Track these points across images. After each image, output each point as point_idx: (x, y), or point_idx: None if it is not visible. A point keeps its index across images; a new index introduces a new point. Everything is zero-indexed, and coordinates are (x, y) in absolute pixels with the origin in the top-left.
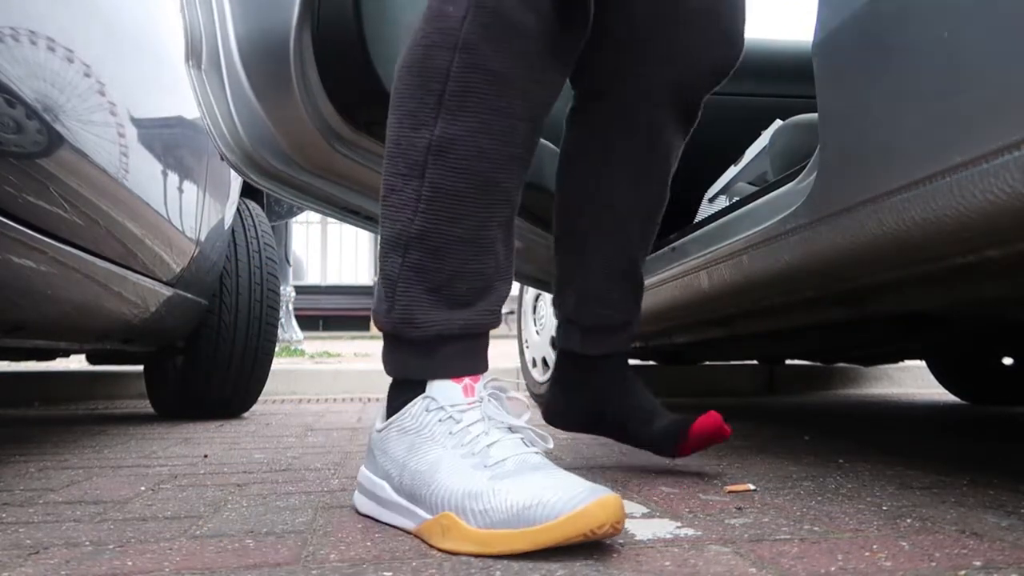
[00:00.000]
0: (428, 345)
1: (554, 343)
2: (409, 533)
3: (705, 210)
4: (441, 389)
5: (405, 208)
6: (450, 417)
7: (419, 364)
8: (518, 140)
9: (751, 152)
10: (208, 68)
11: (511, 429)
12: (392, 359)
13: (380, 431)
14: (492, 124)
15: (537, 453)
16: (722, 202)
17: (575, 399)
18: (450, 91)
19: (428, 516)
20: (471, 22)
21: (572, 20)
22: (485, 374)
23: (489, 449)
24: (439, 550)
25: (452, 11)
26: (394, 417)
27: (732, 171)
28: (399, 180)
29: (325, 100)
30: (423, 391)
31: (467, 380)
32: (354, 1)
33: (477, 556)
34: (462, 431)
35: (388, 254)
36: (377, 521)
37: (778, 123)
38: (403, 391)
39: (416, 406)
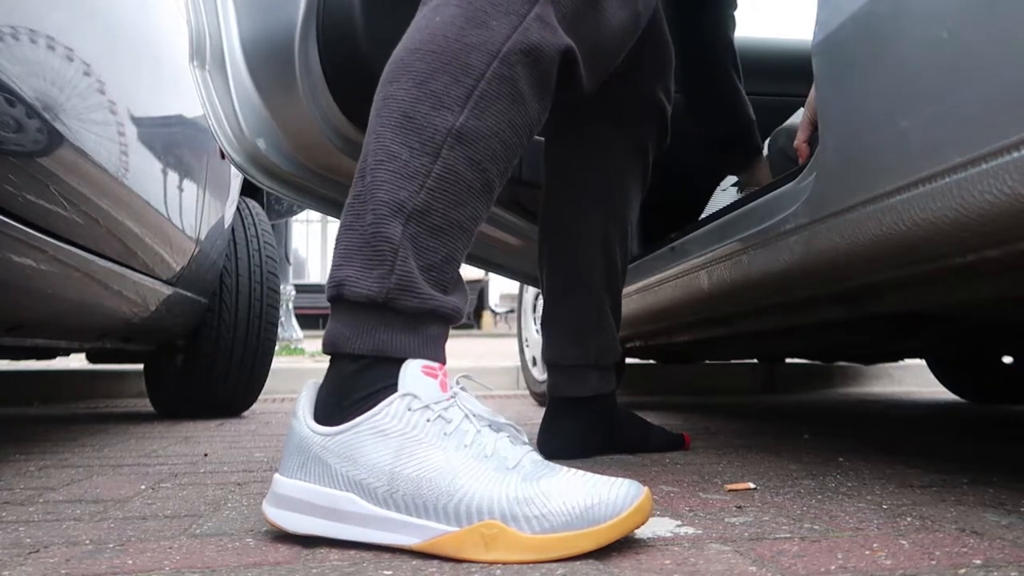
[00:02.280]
0: (418, 320)
1: None
2: (406, 551)
3: (717, 199)
4: (419, 385)
5: (411, 179)
6: (439, 416)
7: (403, 341)
8: (514, 159)
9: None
10: (212, 68)
11: (491, 425)
12: (362, 334)
13: (334, 434)
14: (506, 135)
15: (532, 449)
16: (733, 192)
17: (566, 438)
18: (481, 90)
19: (450, 528)
20: (514, 43)
21: (579, 82)
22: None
23: (498, 449)
24: (480, 563)
25: (495, 25)
26: (363, 417)
27: None
28: (405, 151)
29: (329, 100)
30: (394, 384)
31: (440, 375)
32: (359, 1)
33: (532, 564)
34: (457, 431)
35: (385, 218)
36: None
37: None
38: (366, 381)
39: (395, 404)
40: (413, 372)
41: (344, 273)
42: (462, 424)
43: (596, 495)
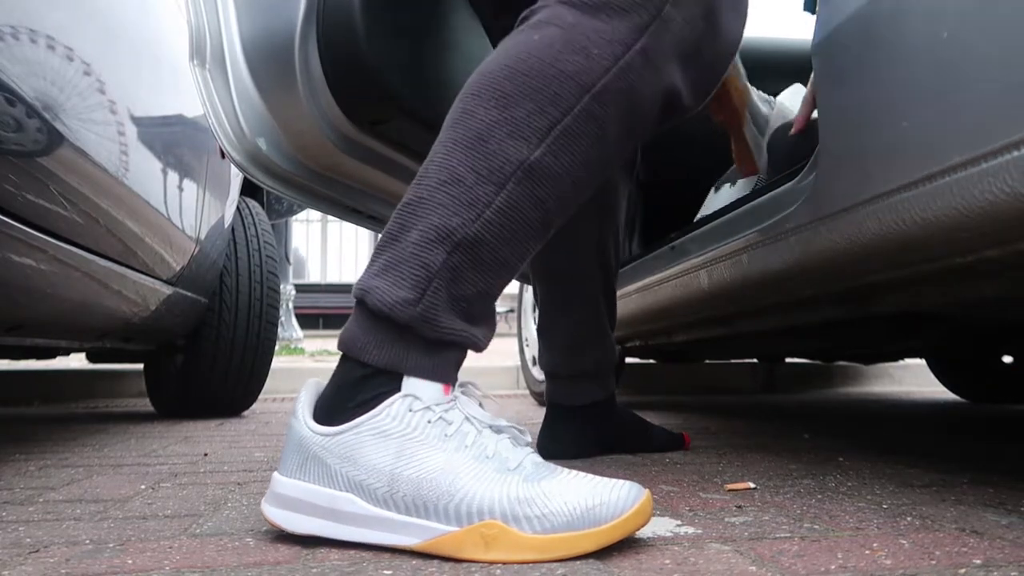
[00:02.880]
0: (435, 346)
1: None
2: (405, 551)
3: (711, 200)
4: (420, 386)
5: (470, 207)
6: (440, 418)
7: (416, 361)
8: (582, 199)
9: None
10: (212, 67)
11: (492, 427)
12: (378, 345)
13: (334, 434)
14: (580, 175)
15: (533, 451)
16: (727, 189)
17: (566, 443)
18: (564, 126)
19: (450, 528)
20: (611, 80)
21: (683, 112)
22: None
23: (499, 450)
24: (480, 563)
25: (596, 54)
26: (364, 417)
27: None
28: (472, 176)
29: (330, 100)
30: (398, 387)
31: None
32: (359, 1)
33: (532, 564)
34: (458, 433)
35: (431, 244)
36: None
37: (797, 86)
38: (372, 386)
39: (396, 405)
40: None
41: (375, 282)
42: (463, 426)
43: (597, 496)
